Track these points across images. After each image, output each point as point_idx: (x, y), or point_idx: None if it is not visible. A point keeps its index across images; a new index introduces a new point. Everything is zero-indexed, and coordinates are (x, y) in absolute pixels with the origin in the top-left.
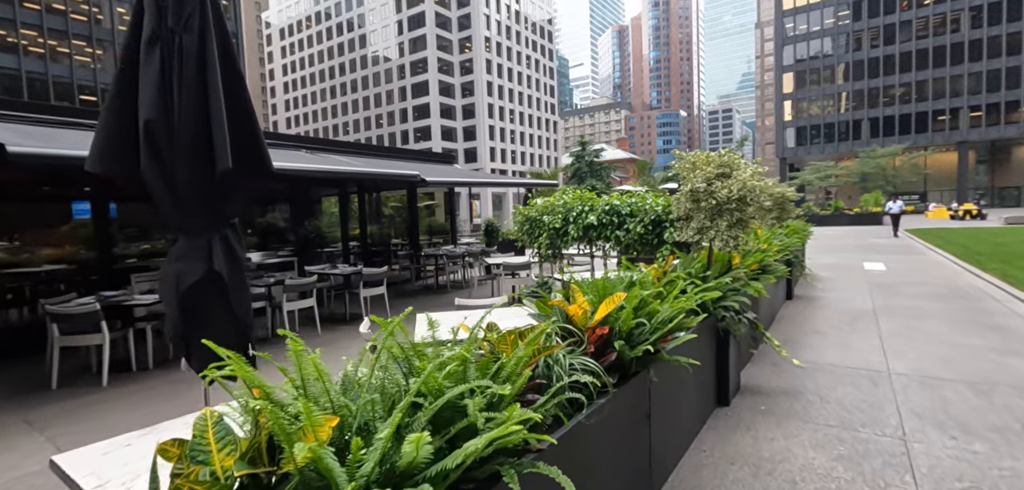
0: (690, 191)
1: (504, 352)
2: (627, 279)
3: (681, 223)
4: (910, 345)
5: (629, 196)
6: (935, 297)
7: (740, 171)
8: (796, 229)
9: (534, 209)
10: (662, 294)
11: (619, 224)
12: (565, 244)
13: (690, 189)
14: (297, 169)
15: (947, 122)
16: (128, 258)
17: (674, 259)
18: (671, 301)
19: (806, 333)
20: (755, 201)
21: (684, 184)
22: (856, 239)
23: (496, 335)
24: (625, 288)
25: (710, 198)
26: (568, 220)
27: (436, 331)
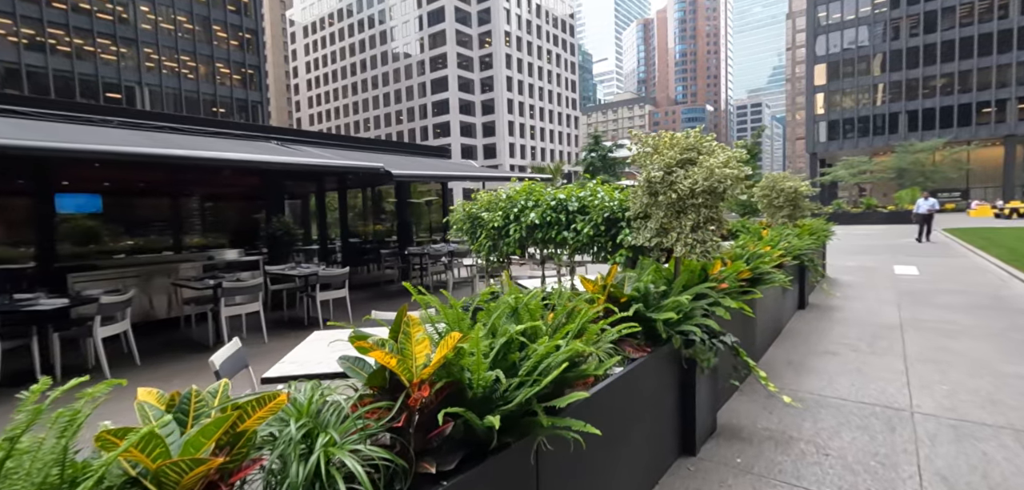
0: (647, 182)
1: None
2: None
3: (638, 222)
4: (942, 373)
5: (579, 188)
6: (975, 309)
7: (711, 156)
8: (812, 228)
9: (476, 204)
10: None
11: (567, 223)
12: (508, 246)
13: (646, 179)
14: (218, 159)
15: (993, 115)
16: (74, 257)
17: (620, 269)
18: (567, 337)
19: (815, 353)
20: (730, 194)
21: (641, 173)
22: (888, 239)
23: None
24: (508, 315)
25: (670, 190)
26: (509, 217)
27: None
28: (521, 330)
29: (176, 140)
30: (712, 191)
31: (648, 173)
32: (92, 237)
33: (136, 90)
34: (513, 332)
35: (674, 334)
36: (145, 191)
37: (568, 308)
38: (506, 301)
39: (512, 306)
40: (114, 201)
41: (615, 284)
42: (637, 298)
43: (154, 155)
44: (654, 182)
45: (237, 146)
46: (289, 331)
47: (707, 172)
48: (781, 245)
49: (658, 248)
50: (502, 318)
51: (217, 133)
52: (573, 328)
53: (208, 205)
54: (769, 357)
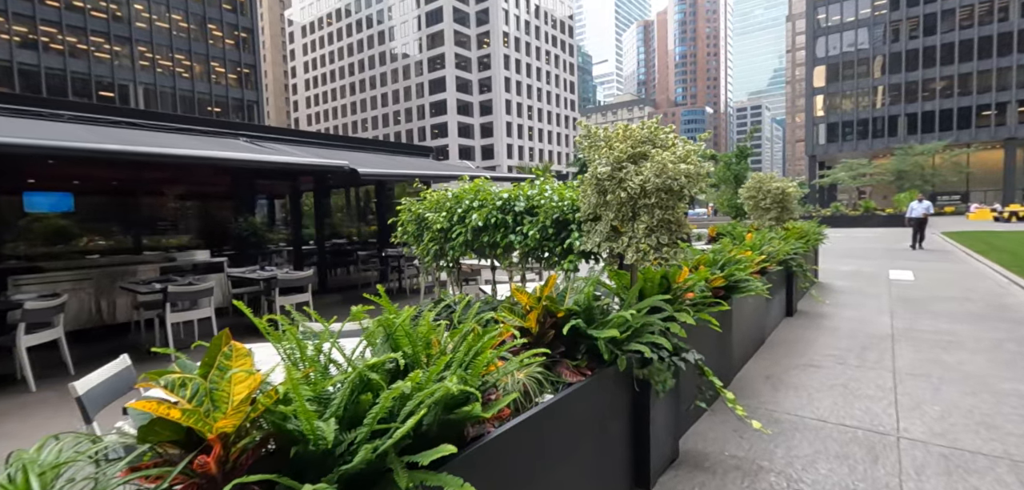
0: (594, 179)
1: None
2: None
3: (589, 225)
4: (934, 390)
5: (528, 186)
6: (973, 318)
7: (666, 150)
8: (801, 231)
9: (423, 204)
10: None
11: (515, 225)
12: (454, 251)
13: (594, 176)
14: (165, 154)
15: (993, 118)
16: (19, 258)
17: (562, 277)
18: (453, 368)
19: (797, 366)
20: (689, 193)
21: (590, 168)
22: (885, 242)
23: None
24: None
25: (619, 189)
26: (453, 219)
27: None
28: (382, 363)
29: (129, 135)
30: (668, 189)
31: (594, 169)
32: (40, 238)
33: (130, 89)
34: (360, 369)
35: (619, 354)
36: (100, 189)
37: (463, 331)
38: (385, 320)
39: (387, 330)
40: (65, 200)
41: (552, 297)
42: (577, 313)
43: (87, 150)
44: (602, 179)
45: (201, 143)
46: (248, 338)
47: (659, 168)
48: (764, 249)
49: (610, 254)
50: (375, 343)
51: (180, 129)
52: (458, 358)
53: (172, 204)
54: (748, 370)
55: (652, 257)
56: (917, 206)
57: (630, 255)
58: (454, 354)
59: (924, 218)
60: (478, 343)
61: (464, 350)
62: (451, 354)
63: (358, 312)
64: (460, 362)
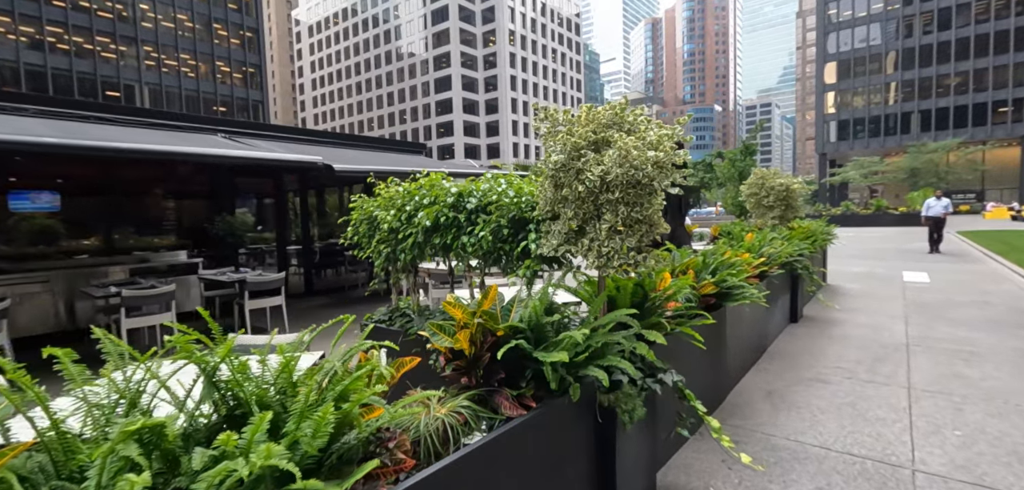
0: (551, 171)
1: None
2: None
3: (547, 225)
4: (955, 411)
5: (483, 181)
6: (995, 325)
7: (632, 136)
8: (808, 231)
9: (375, 201)
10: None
11: (468, 225)
12: (405, 254)
13: (550, 166)
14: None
15: (1010, 114)
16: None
17: (517, 287)
18: (295, 418)
19: (802, 381)
20: (660, 186)
21: (546, 158)
22: (899, 242)
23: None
24: None
25: (576, 181)
26: (401, 218)
27: None
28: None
29: (98, 131)
30: (635, 183)
31: (548, 157)
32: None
33: (135, 89)
34: (128, 429)
35: (571, 382)
36: (68, 188)
37: (324, 369)
38: (198, 359)
39: (206, 367)
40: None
41: (491, 312)
42: (521, 331)
43: (44, 145)
44: (558, 169)
45: (173, 139)
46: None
47: (621, 155)
48: (764, 251)
49: (567, 260)
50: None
51: (155, 124)
52: (297, 410)
53: (147, 203)
54: (746, 385)
55: (616, 263)
56: (935, 203)
57: (591, 260)
58: (298, 403)
59: (943, 217)
60: (337, 386)
61: (304, 400)
62: (300, 402)
63: (179, 340)
64: (299, 416)
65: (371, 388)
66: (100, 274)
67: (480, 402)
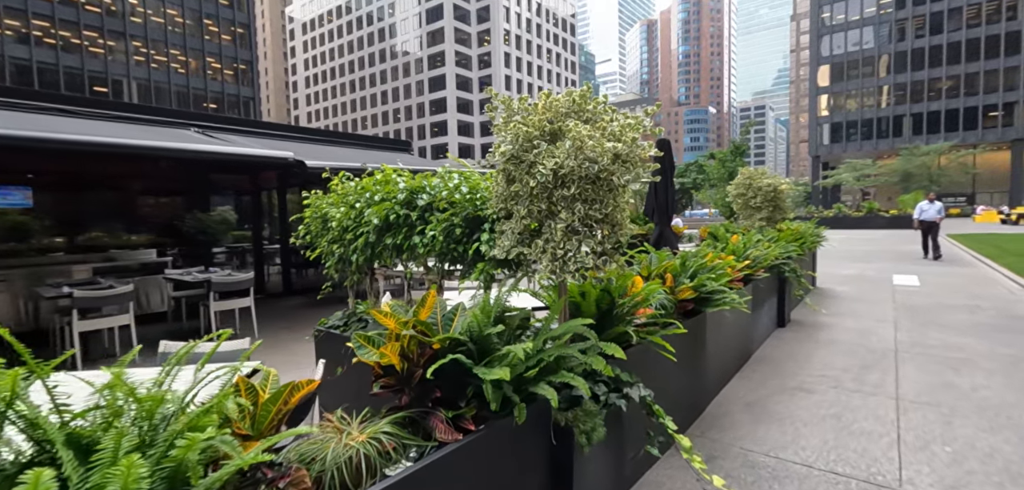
0: (501, 164)
1: None
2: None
3: (501, 224)
4: (945, 424)
5: (436, 176)
6: (986, 330)
7: (593, 125)
8: (796, 233)
9: (329, 198)
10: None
11: (419, 224)
12: (357, 256)
13: (498, 158)
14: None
15: (1000, 118)
16: None
17: (440, 296)
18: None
19: (785, 390)
20: (619, 182)
21: (495, 148)
22: (890, 244)
23: None
24: None
25: (527, 176)
26: (351, 217)
27: None
28: None
29: (58, 123)
30: (592, 178)
31: (498, 148)
32: None
33: (124, 84)
34: None
35: (517, 401)
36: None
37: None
38: None
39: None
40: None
41: (427, 323)
42: (461, 344)
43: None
44: (508, 161)
45: (139, 132)
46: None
47: (574, 147)
48: (750, 253)
49: (526, 265)
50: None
51: (122, 118)
52: (102, 457)
53: (115, 200)
54: (727, 395)
55: (573, 267)
56: (928, 207)
57: (544, 263)
58: (104, 451)
59: (937, 222)
60: (171, 427)
61: (113, 445)
62: (106, 450)
63: None
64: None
65: (215, 432)
66: (63, 273)
67: (412, 425)
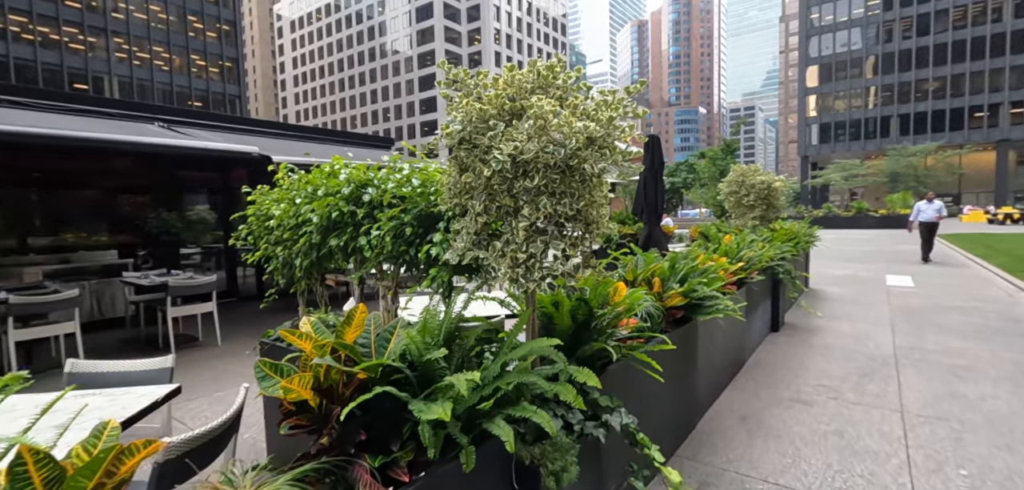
0: (456, 151)
1: None
2: None
3: (457, 223)
4: (956, 442)
5: (382, 166)
6: (987, 334)
7: (563, 103)
8: (790, 233)
9: (274, 195)
10: None
11: (368, 221)
12: (302, 258)
13: (445, 141)
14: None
15: (985, 119)
16: None
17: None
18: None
19: (781, 401)
20: (593, 170)
21: (443, 129)
22: (880, 244)
23: None
24: None
25: (481, 164)
26: (290, 212)
27: None
28: None
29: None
30: (563, 167)
31: (445, 129)
32: None
33: (105, 81)
34: None
35: (464, 442)
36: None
37: None
38: None
39: None
40: None
41: (354, 347)
42: (394, 371)
43: None
44: (459, 144)
45: (101, 126)
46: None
47: (536, 125)
48: (744, 254)
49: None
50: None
51: (77, 111)
52: None
53: (74, 198)
54: (720, 408)
55: (537, 275)
56: (926, 207)
57: (503, 271)
58: None
59: (936, 223)
60: None
61: None
62: None
63: None
64: None
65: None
66: (11, 276)
67: (329, 478)
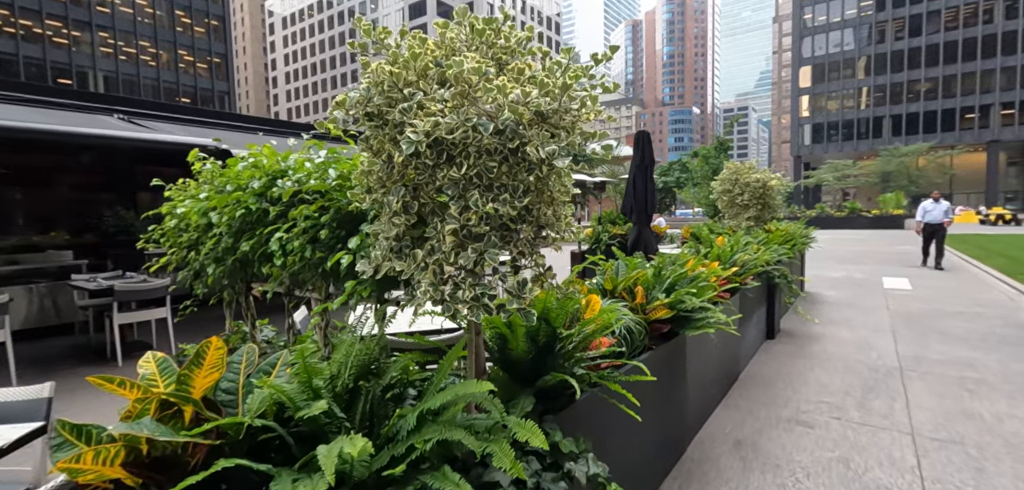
0: (366, 128)
1: None
2: None
3: (374, 225)
4: (977, 472)
5: (295, 155)
6: (994, 342)
7: (508, 69)
8: (786, 234)
9: (186, 189)
10: None
11: (282, 222)
12: (215, 267)
13: (342, 113)
14: None
15: (976, 120)
16: None
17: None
18: None
19: (780, 421)
20: (538, 155)
21: (340, 100)
22: (874, 245)
23: None
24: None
25: (391, 146)
26: (196, 211)
27: None
28: None
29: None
30: (503, 151)
31: (339, 100)
32: None
33: (90, 76)
34: None
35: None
36: None
37: None
38: None
39: None
40: None
41: (219, 392)
42: (259, 433)
43: None
44: (365, 117)
45: (55, 118)
46: (66, 369)
47: (459, 91)
48: (738, 258)
49: (410, 295)
50: None
51: (29, 101)
52: None
53: (17, 194)
54: (711, 429)
55: (466, 295)
56: (933, 207)
57: (423, 288)
58: None
59: (942, 225)
60: None
61: None
62: None
63: None
64: None
65: None
66: None
67: None
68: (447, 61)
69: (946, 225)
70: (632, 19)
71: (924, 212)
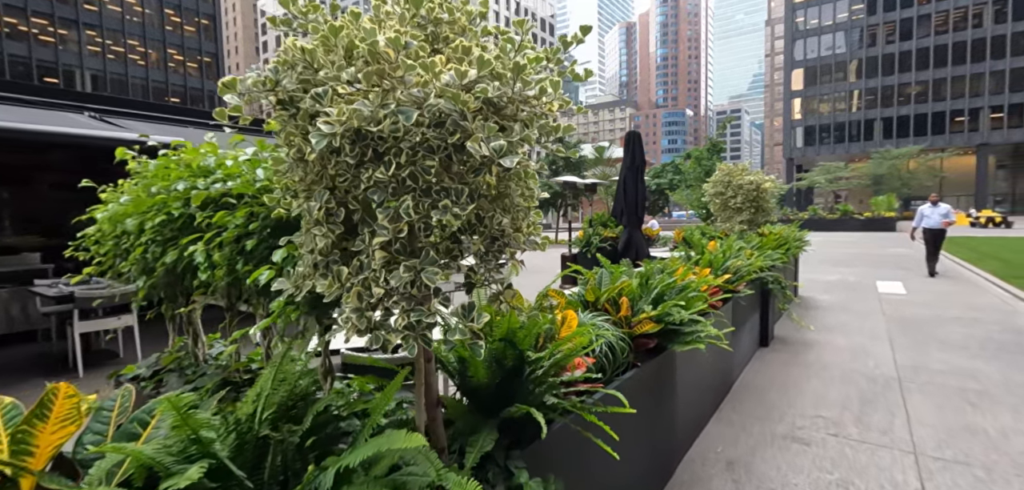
0: (282, 119)
1: None
2: None
3: (298, 235)
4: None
5: (208, 151)
6: (993, 350)
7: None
8: (780, 238)
9: (121, 188)
10: None
11: (209, 230)
12: (147, 279)
13: (227, 90)
14: None
15: (966, 123)
16: None
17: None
18: None
19: (774, 438)
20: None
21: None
22: (866, 247)
23: None
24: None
25: (301, 141)
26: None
27: None
28: None
29: None
30: (444, 147)
31: (228, 82)
32: None
33: (77, 74)
34: None
35: None
36: None
37: None
38: None
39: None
40: None
41: (78, 446)
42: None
43: None
44: (277, 106)
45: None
46: (22, 381)
47: (373, 70)
48: (731, 264)
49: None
50: None
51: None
52: None
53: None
54: (701, 449)
55: (401, 321)
56: (931, 212)
57: (347, 313)
58: None
59: (941, 230)
60: None
61: None
62: None
63: None
64: None
65: None
66: None
67: None
68: (360, 38)
69: (944, 229)
70: (626, 21)
71: (921, 217)
